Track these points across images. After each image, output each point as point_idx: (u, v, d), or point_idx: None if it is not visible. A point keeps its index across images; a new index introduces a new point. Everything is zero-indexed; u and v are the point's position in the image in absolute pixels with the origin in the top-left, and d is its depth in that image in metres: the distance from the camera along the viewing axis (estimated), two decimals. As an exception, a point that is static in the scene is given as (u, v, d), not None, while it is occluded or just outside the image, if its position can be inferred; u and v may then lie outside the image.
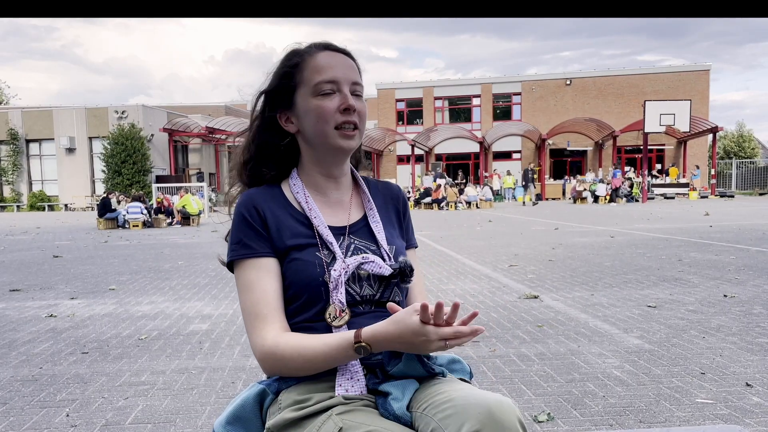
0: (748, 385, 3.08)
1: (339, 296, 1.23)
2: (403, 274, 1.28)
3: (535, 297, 5.49)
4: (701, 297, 5.31)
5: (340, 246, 1.31)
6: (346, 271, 1.25)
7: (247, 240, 1.28)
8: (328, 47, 1.34)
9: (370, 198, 1.41)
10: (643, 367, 3.41)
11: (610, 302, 5.21)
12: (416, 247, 1.50)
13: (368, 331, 1.13)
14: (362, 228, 1.37)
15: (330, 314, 1.23)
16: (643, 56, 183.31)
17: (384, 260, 1.31)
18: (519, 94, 37.79)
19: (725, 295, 5.33)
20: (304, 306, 1.26)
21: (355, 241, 1.34)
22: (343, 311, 1.24)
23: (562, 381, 3.22)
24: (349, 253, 1.30)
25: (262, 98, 1.39)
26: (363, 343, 1.12)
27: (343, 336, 1.16)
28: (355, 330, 1.15)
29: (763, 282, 5.94)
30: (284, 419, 1.17)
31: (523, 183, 28.52)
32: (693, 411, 2.76)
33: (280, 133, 1.38)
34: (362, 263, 1.27)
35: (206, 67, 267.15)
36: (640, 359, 3.56)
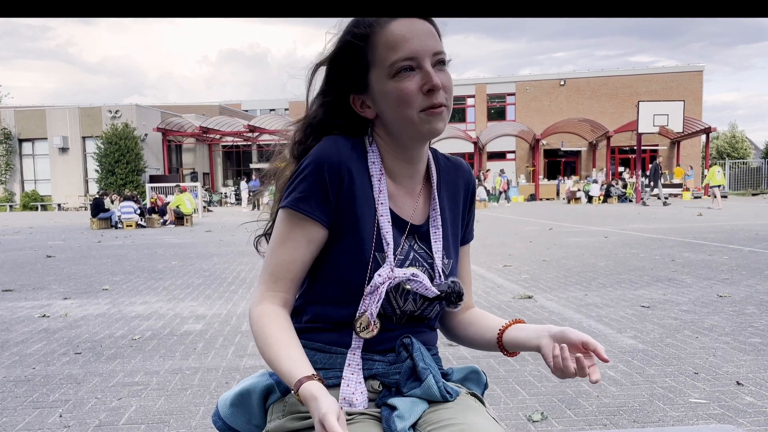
0: (740, 384, 3.09)
1: (373, 308, 1.13)
2: (449, 300, 1.19)
3: (530, 297, 5.50)
4: (694, 297, 5.33)
5: (401, 246, 1.19)
6: (391, 283, 1.14)
7: (314, 200, 1.14)
8: None
9: (436, 195, 1.25)
10: (637, 367, 3.42)
11: (604, 302, 5.22)
12: (472, 239, 1.36)
13: (305, 390, 1.02)
14: (425, 230, 1.23)
15: (361, 324, 1.14)
16: (635, 57, 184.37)
17: (435, 276, 1.20)
18: (513, 94, 37.87)
19: (718, 295, 5.36)
20: (343, 301, 1.17)
21: (416, 246, 1.21)
22: (374, 324, 1.15)
23: (556, 381, 3.23)
24: (408, 262, 1.19)
25: (325, 76, 1.19)
26: (298, 395, 1.03)
27: (292, 370, 1.05)
28: (303, 375, 1.04)
29: (756, 282, 5.97)
30: (285, 428, 1.15)
31: (651, 181, 24.31)
32: (686, 411, 2.77)
33: (351, 116, 1.20)
34: (409, 279, 1.15)
35: (200, 66, 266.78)
36: (634, 359, 3.57)
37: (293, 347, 1.11)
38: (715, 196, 19.73)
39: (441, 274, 1.21)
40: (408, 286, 1.16)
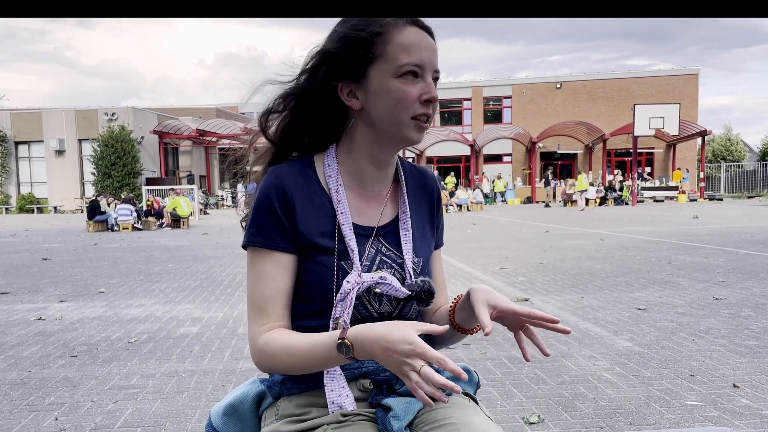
0: (736, 386, 3.10)
1: (345, 315, 1.15)
2: (420, 298, 1.20)
3: (526, 300, 5.50)
4: (690, 299, 5.35)
5: (367, 252, 1.21)
6: (360, 287, 1.16)
7: (269, 229, 1.18)
8: (416, 23, 1.17)
9: (406, 198, 1.28)
10: (633, 370, 3.43)
11: (600, 305, 5.23)
12: (442, 245, 1.39)
13: (354, 328, 1.05)
14: (393, 231, 1.25)
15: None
16: (631, 60, 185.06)
17: (405, 276, 1.22)
18: (509, 97, 37.91)
19: (714, 298, 5.37)
20: (317, 314, 1.18)
21: (383, 248, 1.23)
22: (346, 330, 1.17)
23: (553, 383, 3.23)
24: (375, 266, 1.20)
25: (320, 57, 1.19)
26: (346, 340, 1.04)
27: (330, 334, 1.08)
28: (343, 328, 1.08)
29: (752, 285, 5.99)
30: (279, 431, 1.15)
31: None
32: (682, 413, 2.78)
33: (333, 102, 1.21)
34: (378, 282, 1.17)
35: (197, 69, 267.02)
36: (630, 361, 3.58)
37: (310, 335, 1.13)
38: (580, 200, 25.06)
39: (411, 273, 1.22)
40: (378, 289, 1.18)
